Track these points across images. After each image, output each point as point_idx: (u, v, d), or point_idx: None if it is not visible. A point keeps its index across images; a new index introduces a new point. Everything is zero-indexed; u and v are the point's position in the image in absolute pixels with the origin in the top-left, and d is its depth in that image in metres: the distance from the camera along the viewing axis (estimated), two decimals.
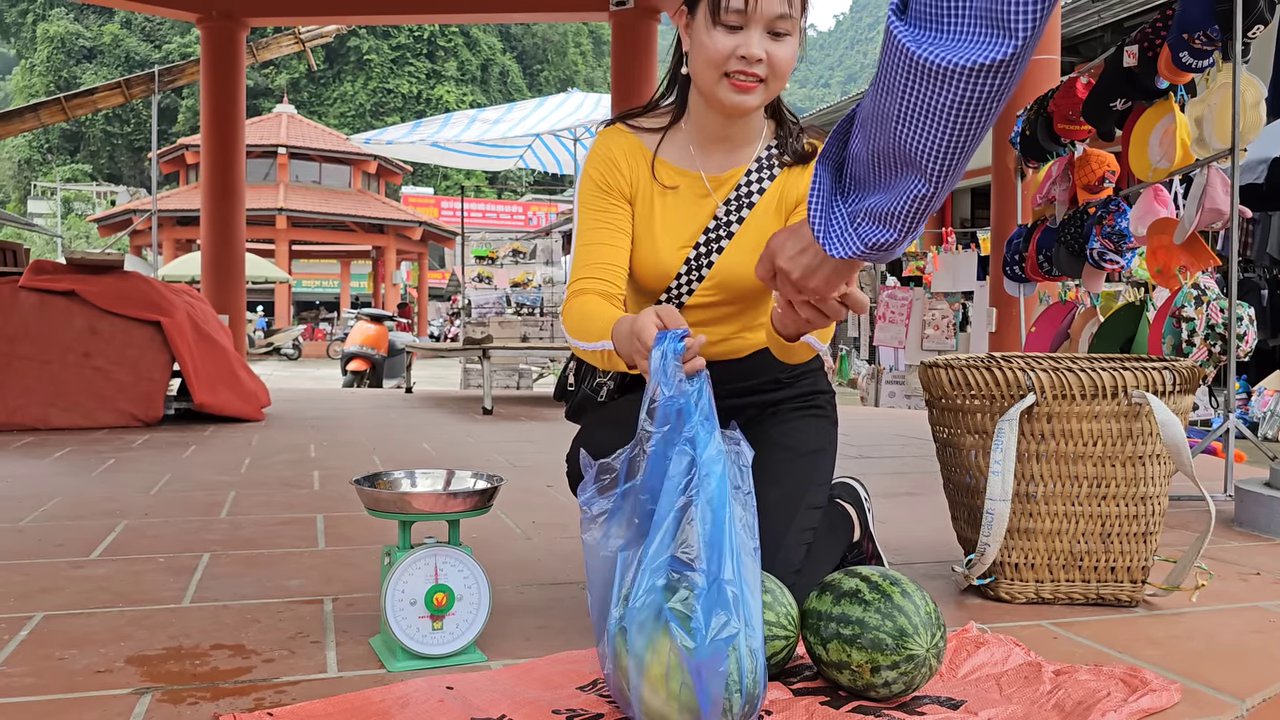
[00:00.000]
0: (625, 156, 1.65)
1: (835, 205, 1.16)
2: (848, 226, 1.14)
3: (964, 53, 0.94)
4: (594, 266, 1.59)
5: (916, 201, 1.07)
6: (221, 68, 8.49)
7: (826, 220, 1.15)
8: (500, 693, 1.26)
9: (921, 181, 1.05)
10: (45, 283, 4.74)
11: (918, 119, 1.00)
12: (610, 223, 1.62)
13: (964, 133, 0.99)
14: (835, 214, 1.15)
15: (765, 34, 1.49)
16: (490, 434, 4.68)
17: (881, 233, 1.11)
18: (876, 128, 1.06)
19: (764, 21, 1.48)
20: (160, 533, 2.33)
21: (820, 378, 1.76)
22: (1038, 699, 1.25)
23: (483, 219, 28.99)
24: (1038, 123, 4.30)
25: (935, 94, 0.97)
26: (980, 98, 0.96)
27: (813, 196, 1.16)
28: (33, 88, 40.11)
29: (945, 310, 9.32)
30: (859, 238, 1.12)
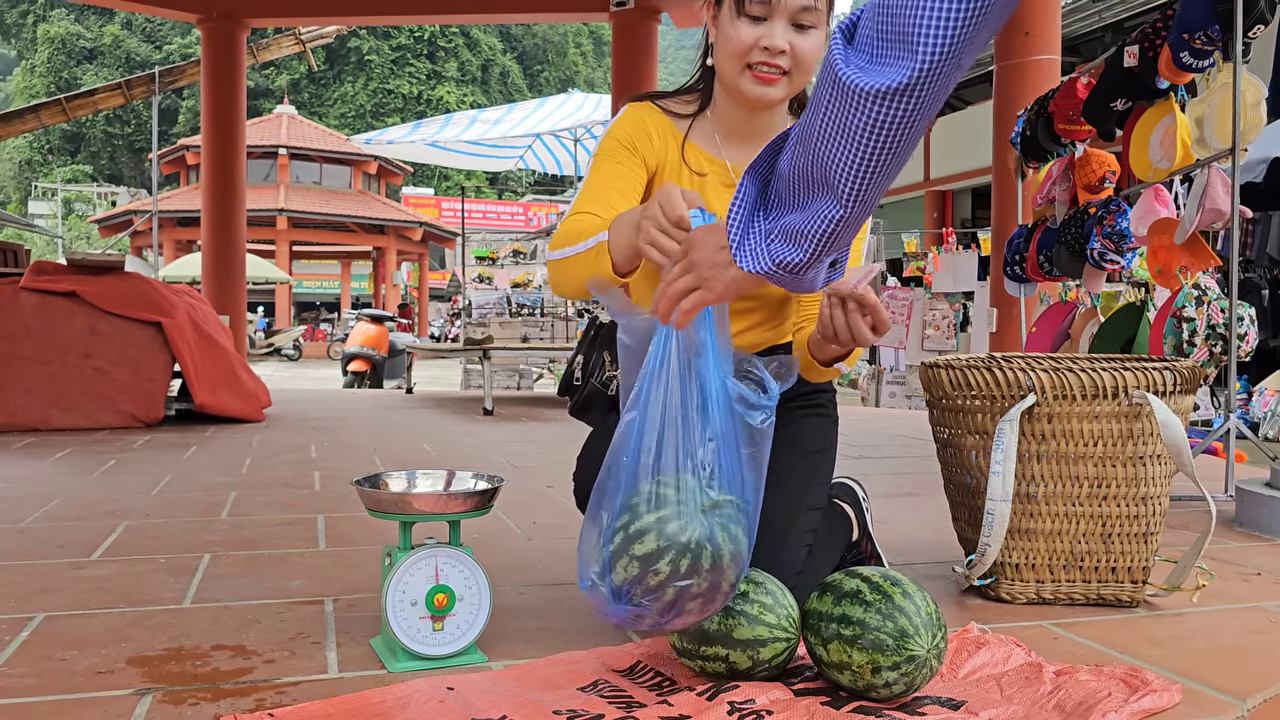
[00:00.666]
0: (658, 131, 1.63)
1: (756, 219, 1.16)
2: (761, 242, 1.14)
3: (877, 76, 0.95)
4: (599, 205, 1.54)
5: (828, 223, 1.07)
6: (222, 68, 8.49)
7: (744, 232, 1.16)
8: (501, 693, 1.26)
9: (835, 203, 1.05)
10: (46, 283, 4.74)
11: (835, 139, 1.01)
12: (626, 176, 1.59)
13: (876, 156, 1.00)
14: (754, 228, 1.16)
15: (790, 25, 1.49)
16: (491, 434, 4.68)
17: (791, 252, 1.11)
18: (801, 145, 1.07)
19: (788, 13, 1.48)
20: (161, 533, 2.33)
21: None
22: (1039, 699, 1.25)
23: (483, 219, 28.98)
24: (1038, 123, 4.30)
25: (851, 115, 0.99)
26: (890, 121, 0.97)
27: (734, 207, 1.16)
28: (33, 88, 40.13)
29: (946, 310, 9.32)
30: (769, 254, 1.13)
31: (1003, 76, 6.29)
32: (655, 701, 1.24)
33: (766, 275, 1.15)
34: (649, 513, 1.22)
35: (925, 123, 0.99)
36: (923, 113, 0.97)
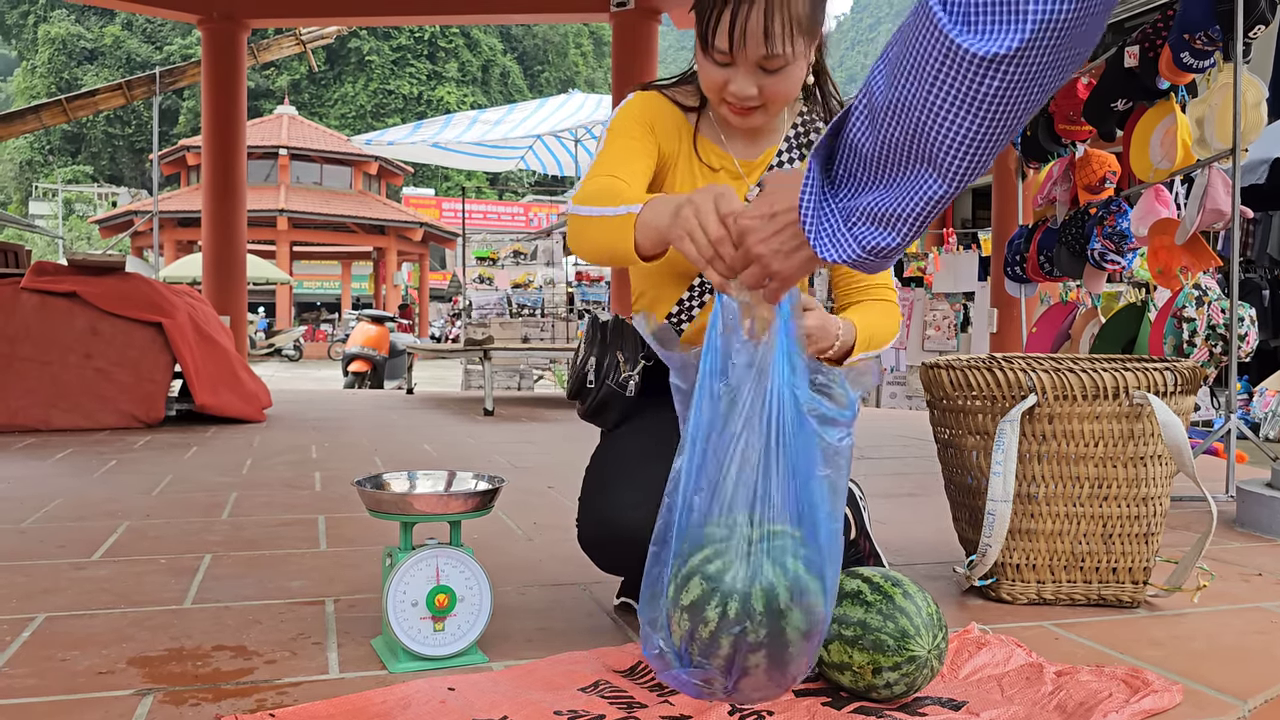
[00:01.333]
0: (671, 120, 1.60)
1: (826, 202, 1.06)
2: (841, 227, 1.04)
3: (990, 39, 0.88)
4: (625, 170, 1.50)
5: (927, 202, 0.98)
6: (222, 69, 8.49)
7: (819, 220, 1.06)
8: (502, 694, 1.26)
9: (937, 179, 0.96)
10: (46, 284, 4.74)
11: (942, 108, 0.92)
12: (641, 153, 1.54)
13: (991, 126, 0.92)
14: (827, 212, 1.06)
15: (756, 69, 1.44)
16: (491, 435, 4.68)
17: (883, 235, 1.02)
18: (893, 118, 0.97)
19: (751, 61, 1.43)
20: (162, 534, 2.33)
21: None
22: (1039, 700, 1.25)
23: (484, 220, 28.98)
24: (1039, 123, 4.30)
25: (964, 81, 0.90)
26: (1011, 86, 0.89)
27: (805, 193, 1.06)
28: (34, 89, 40.15)
29: (946, 311, 9.32)
30: (855, 241, 1.03)
31: None
32: (656, 702, 1.24)
33: (853, 263, 1.04)
34: (694, 555, 1.11)
35: (1054, 85, 0.91)
36: (1049, 74, 0.90)
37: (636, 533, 1.45)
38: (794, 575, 1.09)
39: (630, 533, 1.45)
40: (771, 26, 1.38)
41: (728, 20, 1.39)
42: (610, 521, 1.49)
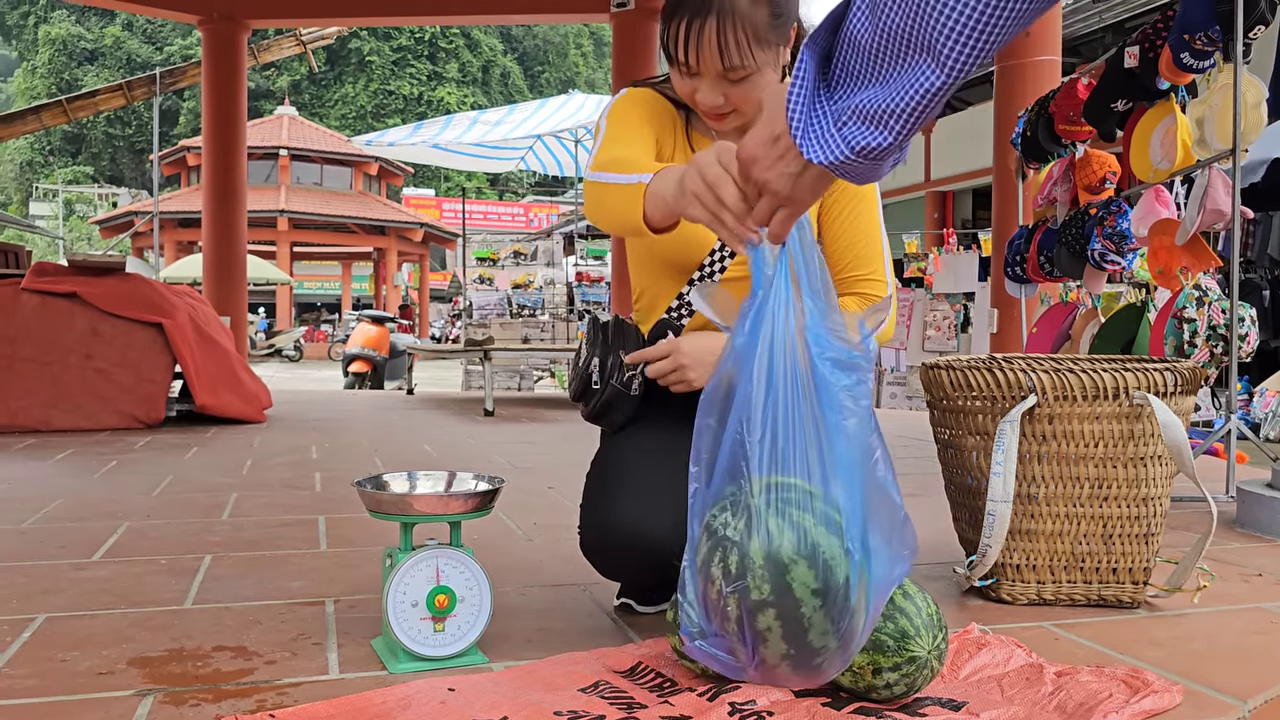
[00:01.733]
0: (665, 114, 1.61)
1: (819, 103, 0.99)
2: (830, 128, 0.97)
3: None
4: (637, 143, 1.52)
5: (923, 95, 0.90)
6: (223, 70, 8.50)
7: (808, 118, 0.99)
8: (502, 695, 1.26)
9: (935, 70, 0.89)
10: (47, 285, 4.74)
11: None
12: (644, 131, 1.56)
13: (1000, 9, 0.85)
14: (818, 113, 0.99)
15: (720, 79, 1.45)
16: (491, 435, 4.68)
17: (872, 135, 0.95)
18: (895, 2, 0.90)
19: (713, 72, 1.44)
20: (162, 534, 2.33)
21: None
22: (1039, 700, 1.25)
23: (484, 221, 28.99)
24: (1039, 124, 4.30)
25: None
26: None
27: (794, 89, 0.99)
28: (34, 90, 40.15)
29: (946, 311, 9.33)
30: (845, 142, 0.96)
31: (1003, 77, 6.29)
32: (656, 703, 1.24)
33: (840, 167, 0.98)
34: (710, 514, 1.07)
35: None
36: None
37: (638, 539, 1.45)
38: (801, 528, 1.02)
39: (632, 539, 1.45)
40: (726, 41, 1.40)
41: (683, 34, 1.42)
42: (612, 528, 1.48)
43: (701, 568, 1.04)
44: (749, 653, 1.03)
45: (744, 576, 1.01)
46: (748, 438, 1.04)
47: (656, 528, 1.45)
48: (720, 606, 1.02)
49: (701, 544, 1.05)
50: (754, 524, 1.02)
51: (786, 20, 1.46)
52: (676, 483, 1.50)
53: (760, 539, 1.01)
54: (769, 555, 1.01)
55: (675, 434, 1.60)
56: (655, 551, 1.45)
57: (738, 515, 1.02)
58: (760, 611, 1.01)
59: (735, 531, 1.02)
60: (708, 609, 1.04)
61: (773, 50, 1.45)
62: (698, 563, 1.06)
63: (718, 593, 1.02)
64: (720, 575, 1.01)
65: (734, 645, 1.03)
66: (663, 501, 1.48)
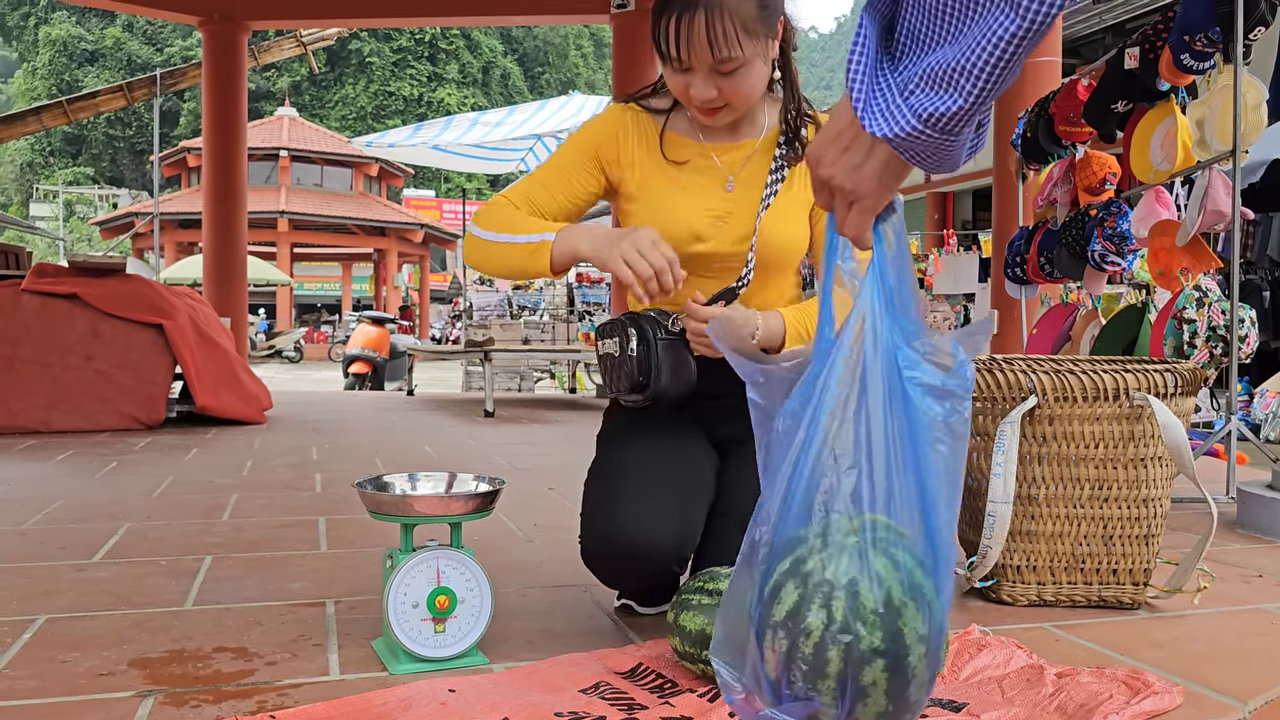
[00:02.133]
0: (636, 131, 1.64)
1: (882, 74, 0.89)
2: (895, 98, 0.87)
3: None
4: (528, 202, 1.61)
5: (995, 45, 0.79)
6: (223, 71, 8.50)
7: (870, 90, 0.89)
8: (502, 696, 1.26)
9: (1009, 13, 0.78)
10: (47, 286, 4.74)
11: None
12: (566, 184, 1.63)
13: None
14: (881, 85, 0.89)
15: (712, 72, 1.48)
16: (492, 437, 4.68)
17: (941, 99, 0.84)
18: None
19: (705, 66, 1.47)
20: (162, 535, 2.33)
21: None
22: (1040, 701, 1.25)
23: None
24: (1039, 125, 4.30)
25: None
26: None
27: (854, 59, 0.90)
28: (35, 91, 40.16)
29: (947, 312, 9.33)
30: (910, 110, 0.86)
31: None
32: (657, 703, 1.24)
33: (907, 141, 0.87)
34: (782, 562, 0.94)
35: None
36: None
37: (640, 548, 1.45)
38: (906, 567, 0.92)
39: (634, 548, 1.45)
40: (715, 32, 1.43)
41: (673, 30, 1.45)
42: (613, 537, 1.48)
43: (788, 619, 0.89)
44: (843, 712, 0.90)
45: (854, 623, 0.89)
46: (837, 471, 0.93)
47: (659, 536, 1.45)
48: (816, 663, 0.88)
49: (785, 593, 0.91)
50: (860, 565, 0.90)
51: (774, 12, 1.49)
52: (677, 489, 1.51)
53: (870, 581, 0.90)
54: (883, 599, 0.90)
55: (673, 439, 1.60)
56: (658, 560, 1.45)
57: (834, 557, 0.90)
58: (869, 663, 0.89)
59: (836, 574, 0.90)
60: (791, 668, 0.90)
61: (761, 41, 1.48)
62: (778, 615, 0.91)
63: (814, 646, 0.88)
64: (821, 624, 0.88)
65: (819, 710, 0.90)
66: (665, 509, 1.47)
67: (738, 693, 0.95)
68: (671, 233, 1.56)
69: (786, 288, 1.66)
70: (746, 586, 0.96)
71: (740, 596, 0.97)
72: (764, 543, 0.95)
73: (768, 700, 0.93)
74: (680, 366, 1.53)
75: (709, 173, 1.62)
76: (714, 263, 1.60)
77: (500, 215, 1.58)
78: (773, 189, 1.59)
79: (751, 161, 1.62)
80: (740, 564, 0.98)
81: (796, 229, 1.62)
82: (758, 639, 0.93)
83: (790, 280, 1.67)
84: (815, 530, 0.92)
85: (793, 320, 1.57)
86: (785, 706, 0.92)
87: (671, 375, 1.52)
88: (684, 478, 1.55)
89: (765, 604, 0.92)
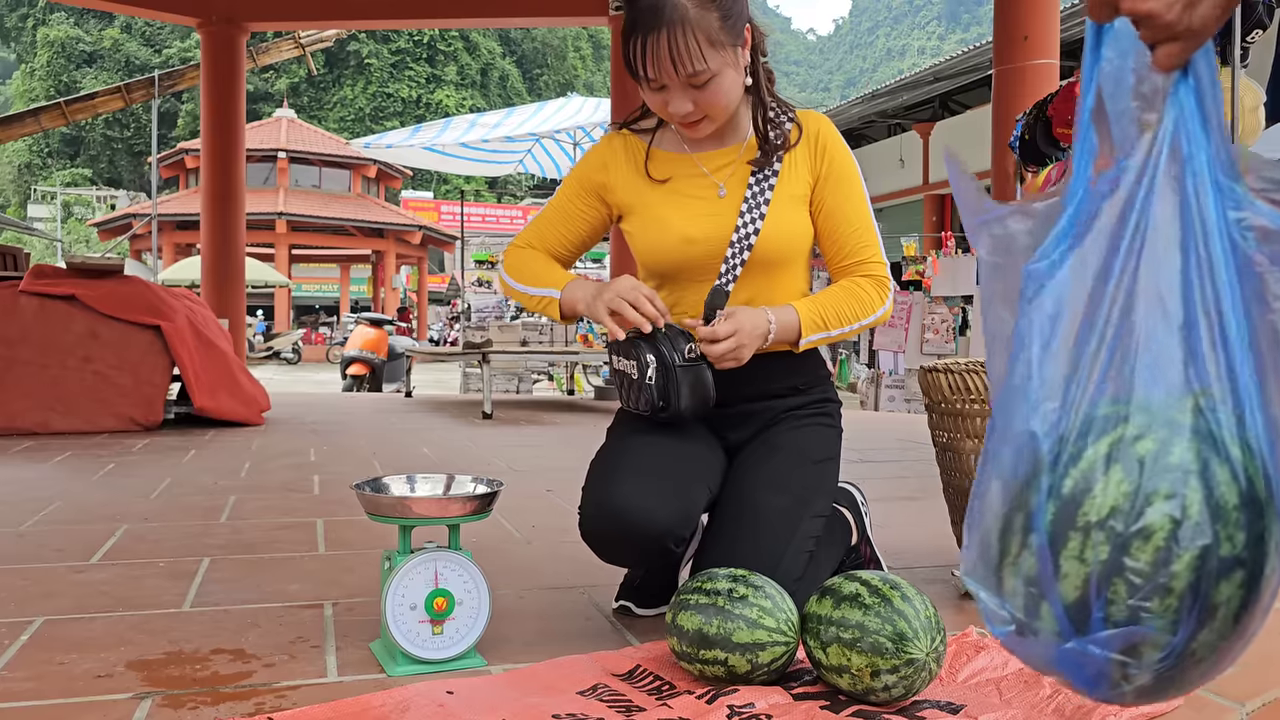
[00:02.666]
0: (625, 156, 1.71)
1: None
2: None
3: None
4: (542, 242, 1.75)
5: None
6: (221, 72, 8.50)
7: None
8: (500, 698, 1.26)
9: None
10: (45, 287, 4.74)
11: None
12: (570, 218, 1.74)
13: None
14: None
15: (686, 87, 1.52)
16: (490, 438, 4.68)
17: None
18: None
19: (677, 81, 1.51)
20: (160, 537, 2.33)
21: (832, 387, 1.76)
22: (1038, 704, 1.25)
23: (482, 223, 28.97)
24: (1037, 127, 4.31)
25: None
26: None
27: None
28: (33, 92, 40.15)
29: (945, 314, 9.33)
30: None
31: (1001, 81, 6.30)
32: (655, 705, 1.24)
33: None
34: (1093, 445, 0.72)
35: None
36: None
37: (634, 521, 1.46)
38: (1261, 456, 0.71)
39: (628, 520, 1.46)
40: (679, 49, 1.47)
41: (640, 50, 1.50)
42: (607, 506, 1.49)
43: (1111, 518, 0.69)
44: (1180, 640, 0.70)
45: (1214, 523, 0.68)
46: (1168, 331, 0.72)
47: (654, 512, 1.46)
48: (1155, 574, 0.69)
49: (1105, 485, 0.70)
50: (1214, 449, 0.70)
51: (737, 20, 1.53)
52: (678, 473, 1.54)
53: (1228, 469, 0.69)
54: (1245, 493, 0.70)
55: (681, 432, 1.62)
56: (651, 535, 1.47)
57: (1176, 439, 0.70)
58: (1227, 576, 0.69)
59: (1185, 459, 0.69)
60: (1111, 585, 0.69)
61: (728, 50, 1.52)
62: (1091, 514, 0.70)
63: (1155, 552, 0.68)
64: (1168, 523, 0.68)
65: (1147, 638, 0.70)
66: (663, 487, 1.50)
67: (1005, 623, 0.76)
68: (664, 240, 1.63)
69: (795, 283, 1.69)
70: (1006, 491, 0.76)
71: (996, 505, 0.77)
72: (1041, 428, 0.74)
73: (1058, 628, 0.71)
74: (699, 388, 1.55)
75: (699, 182, 1.65)
76: (711, 265, 1.63)
77: (520, 262, 1.72)
78: (758, 190, 1.62)
79: (739, 166, 1.65)
80: (987, 467, 0.79)
81: (795, 226, 1.64)
82: (1049, 549, 0.71)
83: (798, 275, 1.69)
84: (1141, 405, 0.71)
85: (807, 310, 1.59)
86: (1097, 637, 0.70)
87: (690, 398, 1.55)
88: (686, 464, 1.57)
89: (1065, 502, 0.71)
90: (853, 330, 1.62)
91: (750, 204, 1.62)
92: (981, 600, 0.78)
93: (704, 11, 1.48)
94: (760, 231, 1.61)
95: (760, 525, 1.54)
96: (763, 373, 1.64)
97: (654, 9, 1.47)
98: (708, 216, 1.63)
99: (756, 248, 1.61)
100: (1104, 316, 0.74)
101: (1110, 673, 0.71)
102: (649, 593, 1.72)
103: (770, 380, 1.67)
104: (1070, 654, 0.71)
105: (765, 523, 1.54)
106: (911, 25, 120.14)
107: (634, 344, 1.58)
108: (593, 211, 1.73)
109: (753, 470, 1.61)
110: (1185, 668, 0.71)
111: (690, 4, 1.47)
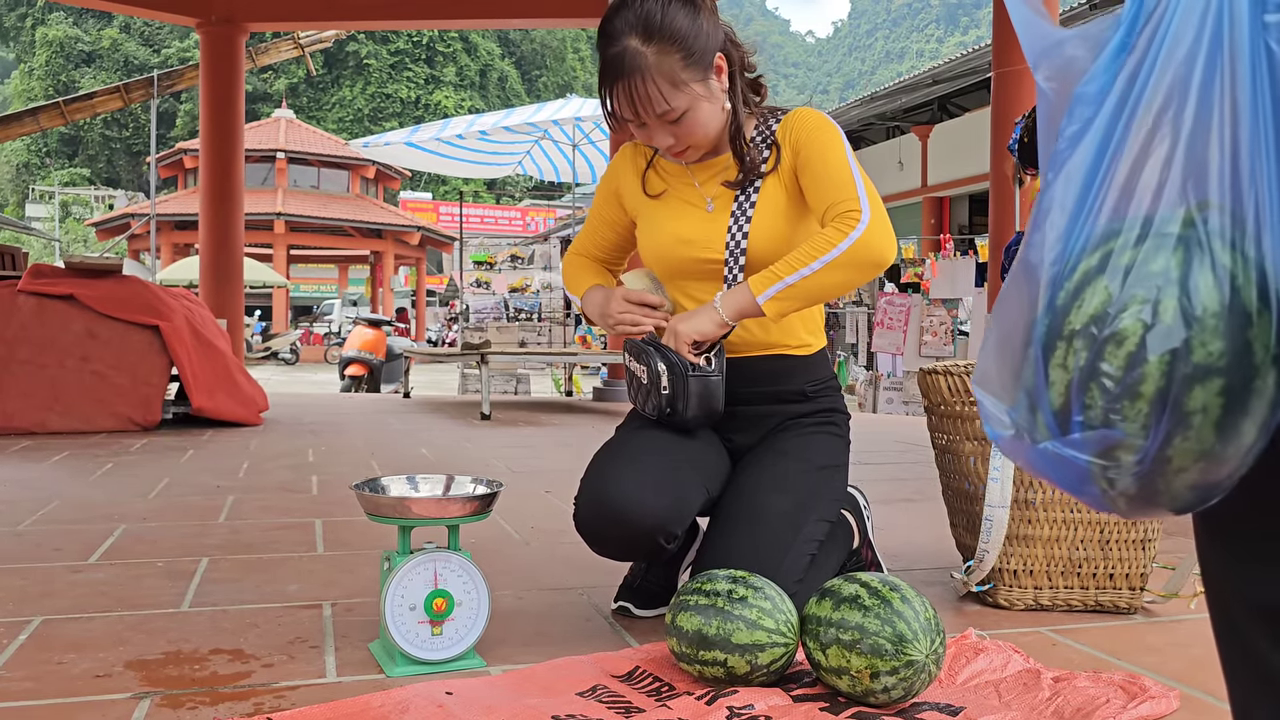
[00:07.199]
0: (633, 168, 1.78)
1: None
2: None
3: None
4: (583, 245, 1.89)
5: None
6: (220, 72, 8.49)
7: None
8: (499, 699, 1.26)
9: None
10: (44, 287, 4.74)
11: None
12: (603, 224, 1.85)
13: None
14: None
15: (662, 124, 1.57)
16: (489, 439, 4.68)
17: None
18: None
19: (652, 120, 1.56)
20: (159, 537, 2.33)
21: (840, 398, 1.77)
22: (1037, 705, 1.25)
23: (481, 224, 29.00)
24: (1036, 130, 4.31)
25: None
26: None
27: None
28: (31, 92, 40.13)
29: (943, 316, 9.34)
30: None
31: (1000, 83, 6.31)
32: (654, 706, 1.24)
33: None
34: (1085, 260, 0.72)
35: None
36: None
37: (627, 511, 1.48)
38: (1260, 268, 0.68)
39: (621, 510, 1.48)
40: (640, 96, 1.53)
41: (609, 98, 1.57)
42: (602, 496, 1.51)
43: (1090, 324, 0.69)
44: (1153, 446, 0.69)
45: (1187, 326, 0.67)
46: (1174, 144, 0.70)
47: (647, 504, 1.48)
48: (1126, 378, 0.68)
49: (1090, 293, 0.70)
50: (1200, 258, 0.68)
51: (702, 55, 1.55)
52: (676, 469, 1.56)
53: (1212, 275, 0.68)
54: (1227, 300, 0.68)
55: (686, 433, 1.63)
56: (644, 527, 1.48)
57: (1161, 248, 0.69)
58: (1201, 382, 0.68)
59: (1166, 266, 0.68)
60: (1088, 389, 0.69)
61: (698, 84, 1.56)
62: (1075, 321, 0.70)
63: (1126, 356, 0.68)
64: (1139, 327, 0.67)
65: (1121, 441, 0.69)
66: (660, 481, 1.52)
67: (1004, 427, 0.77)
68: (661, 242, 1.70)
69: None
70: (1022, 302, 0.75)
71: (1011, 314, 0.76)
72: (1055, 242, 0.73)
73: (1047, 432, 0.72)
74: (707, 399, 1.58)
75: (693, 194, 1.71)
76: (711, 267, 1.67)
77: (568, 269, 1.89)
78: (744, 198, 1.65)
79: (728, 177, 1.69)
80: (1012, 282, 0.77)
81: (781, 235, 1.64)
82: (1042, 357, 0.72)
83: None
84: (1138, 219, 0.70)
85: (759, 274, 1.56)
86: (1074, 439, 0.71)
87: (698, 408, 1.58)
88: (686, 464, 1.59)
89: (1058, 312, 0.71)
90: (815, 270, 1.51)
91: (737, 216, 1.65)
92: (983, 405, 0.77)
93: (663, 56, 1.52)
94: (749, 236, 1.64)
95: (761, 526, 1.54)
96: (768, 374, 1.67)
97: (616, 59, 1.53)
98: (700, 221, 1.68)
99: (749, 254, 1.64)
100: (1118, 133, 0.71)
101: (1093, 474, 0.71)
102: (648, 594, 1.72)
103: (777, 380, 1.68)
104: (1050, 455, 0.71)
105: (766, 524, 1.54)
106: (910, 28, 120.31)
107: (647, 349, 1.60)
108: (622, 216, 1.81)
109: (756, 473, 1.62)
110: (1167, 475, 0.71)
111: (650, 51, 1.51)
